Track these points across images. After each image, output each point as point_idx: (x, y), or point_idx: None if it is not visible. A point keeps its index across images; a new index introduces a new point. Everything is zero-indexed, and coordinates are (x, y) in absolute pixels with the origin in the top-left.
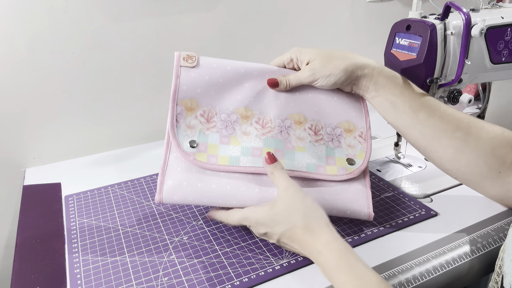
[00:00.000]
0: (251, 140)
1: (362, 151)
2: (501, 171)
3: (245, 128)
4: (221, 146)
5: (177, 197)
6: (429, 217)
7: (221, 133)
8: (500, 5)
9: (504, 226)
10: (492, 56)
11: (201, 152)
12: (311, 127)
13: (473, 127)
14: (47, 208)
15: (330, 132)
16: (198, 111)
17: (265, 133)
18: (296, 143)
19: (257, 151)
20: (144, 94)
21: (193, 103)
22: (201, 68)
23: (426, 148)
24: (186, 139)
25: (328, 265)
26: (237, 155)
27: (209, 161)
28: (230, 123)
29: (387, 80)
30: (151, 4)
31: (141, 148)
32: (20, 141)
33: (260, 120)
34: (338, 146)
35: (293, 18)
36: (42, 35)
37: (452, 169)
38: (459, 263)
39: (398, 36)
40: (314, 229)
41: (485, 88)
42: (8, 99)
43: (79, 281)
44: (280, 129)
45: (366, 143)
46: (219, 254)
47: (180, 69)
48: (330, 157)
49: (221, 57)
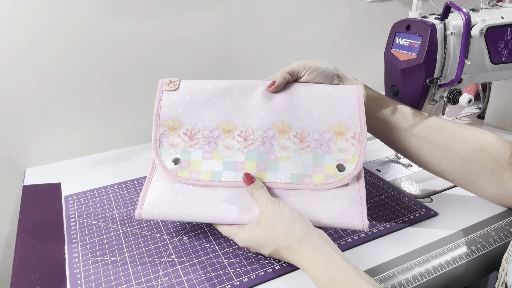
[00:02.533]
0: (233, 154)
1: (355, 154)
2: (494, 168)
3: (228, 142)
4: (203, 161)
5: (157, 211)
6: (429, 217)
7: (204, 149)
8: (500, 5)
9: (504, 226)
10: (492, 56)
11: (183, 169)
12: (296, 135)
13: (457, 127)
14: (47, 208)
15: (318, 138)
16: (181, 130)
17: (247, 145)
18: (279, 154)
19: (239, 165)
20: (144, 94)
21: (175, 123)
22: (182, 90)
23: (420, 151)
24: (169, 157)
25: (315, 279)
26: (219, 170)
27: (191, 177)
28: (213, 138)
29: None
30: (151, 4)
31: (141, 148)
32: (20, 141)
33: (242, 133)
34: (327, 152)
35: (293, 18)
36: (42, 35)
37: (448, 169)
38: (459, 263)
39: (398, 36)
40: (295, 248)
41: (485, 88)
42: (8, 99)
43: (79, 281)
44: (263, 141)
45: (360, 144)
46: (219, 254)
47: (162, 94)
48: (318, 165)
49: (221, 56)
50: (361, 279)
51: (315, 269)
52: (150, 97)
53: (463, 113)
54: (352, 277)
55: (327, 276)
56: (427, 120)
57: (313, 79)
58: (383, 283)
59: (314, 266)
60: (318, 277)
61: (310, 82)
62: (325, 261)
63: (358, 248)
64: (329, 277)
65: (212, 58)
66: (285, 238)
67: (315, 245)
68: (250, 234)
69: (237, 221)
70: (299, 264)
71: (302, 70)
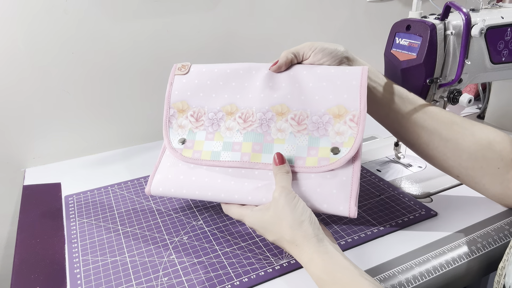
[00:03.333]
0: (232, 135)
1: (352, 137)
2: (500, 167)
3: (229, 123)
4: (206, 142)
5: (162, 188)
6: (429, 217)
7: (207, 130)
8: (500, 5)
9: (504, 226)
10: (492, 56)
11: (188, 149)
12: (294, 117)
13: (466, 123)
14: (47, 208)
15: (316, 121)
16: (189, 112)
17: (246, 127)
18: (275, 135)
19: (237, 146)
20: (144, 94)
21: (184, 105)
22: (191, 74)
23: (428, 144)
24: (177, 137)
25: (315, 277)
26: (218, 150)
27: (194, 156)
28: (216, 120)
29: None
30: (151, 4)
31: (141, 148)
32: (20, 141)
33: (243, 114)
34: (324, 135)
35: (293, 18)
36: (42, 35)
37: (455, 165)
38: (459, 263)
39: (398, 36)
40: (299, 244)
41: (485, 88)
42: (8, 99)
43: (79, 281)
44: (261, 122)
45: (358, 127)
46: (219, 254)
47: (174, 78)
48: (313, 148)
49: (221, 56)
50: (362, 279)
51: (316, 268)
52: (150, 97)
53: (463, 113)
54: (353, 276)
55: (328, 275)
56: (439, 114)
57: (319, 60)
58: (383, 283)
59: (315, 265)
60: (318, 276)
61: (316, 63)
62: (326, 260)
63: (358, 248)
64: (329, 276)
65: (212, 58)
66: (290, 232)
67: (318, 245)
68: (258, 217)
69: (228, 200)
70: (300, 260)
71: (308, 51)
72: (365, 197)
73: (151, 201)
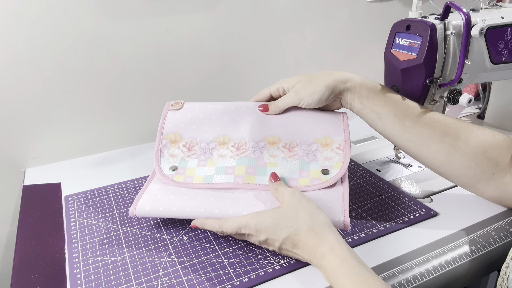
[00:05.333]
0: (225, 161)
1: (340, 161)
2: (495, 173)
3: (222, 151)
4: (198, 168)
5: (149, 207)
6: (429, 217)
7: (200, 158)
8: (500, 5)
9: (504, 226)
10: (492, 56)
11: (179, 175)
12: (285, 146)
13: (461, 132)
14: (47, 208)
15: (305, 148)
16: (181, 142)
17: (239, 154)
18: (268, 160)
19: (230, 169)
20: (144, 94)
21: (177, 136)
22: (185, 109)
23: (417, 155)
24: (168, 165)
25: (332, 268)
26: (211, 174)
27: (185, 181)
28: (209, 149)
29: (370, 92)
30: (151, 4)
31: (141, 148)
32: (20, 141)
33: (236, 144)
34: (313, 160)
35: (293, 18)
36: (42, 35)
37: (446, 172)
38: (459, 263)
39: (398, 36)
40: (318, 232)
41: (485, 88)
42: (8, 99)
43: (79, 281)
44: (254, 150)
45: (344, 153)
46: (219, 254)
47: (167, 112)
48: (304, 170)
49: (221, 56)
50: (377, 277)
51: (336, 257)
52: (150, 97)
53: (463, 113)
54: (370, 274)
55: (348, 265)
56: (429, 127)
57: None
58: None
59: (335, 254)
60: (338, 264)
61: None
62: (346, 252)
63: (358, 248)
64: (350, 266)
65: (212, 58)
66: (309, 220)
67: (339, 236)
68: (268, 215)
69: (222, 216)
70: (316, 249)
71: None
72: (365, 197)
73: None
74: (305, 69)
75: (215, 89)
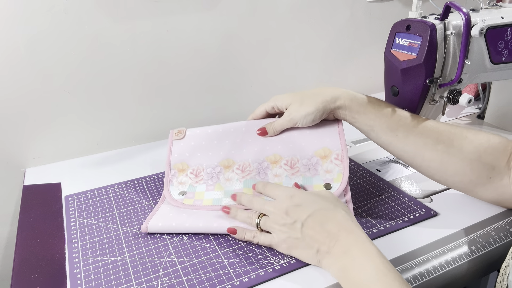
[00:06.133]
0: (232, 184)
1: (340, 174)
2: (492, 177)
3: (228, 175)
4: (206, 192)
5: (161, 223)
6: (429, 217)
7: (207, 183)
8: (500, 5)
9: (504, 226)
10: (492, 56)
11: (188, 198)
12: (287, 163)
13: (455, 139)
14: (47, 208)
15: (306, 163)
16: (188, 170)
17: (244, 176)
18: (273, 180)
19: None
20: (144, 94)
21: (184, 165)
22: (187, 138)
23: (411, 164)
24: (177, 191)
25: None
26: (220, 197)
27: (195, 203)
28: (215, 174)
29: (361, 107)
30: (151, 4)
31: (141, 148)
32: (20, 141)
33: (240, 166)
34: (315, 174)
35: (293, 18)
36: (42, 35)
37: (441, 179)
38: (459, 263)
39: (398, 36)
40: (353, 224)
41: (485, 88)
42: (8, 99)
43: (79, 281)
44: (258, 171)
45: (342, 164)
46: (219, 254)
47: (172, 143)
48: (308, 186)
49: (221, 56)
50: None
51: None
52: (150, 97)
53: (463, 113)
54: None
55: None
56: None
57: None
58: None
59: (369, 251)
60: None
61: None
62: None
63: None
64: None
65: (212, 58)
66: (349, 213)
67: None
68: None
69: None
70: (345, 237)
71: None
72: (365, 197)
73: (151, 201)
74: (305, 69)
75: (215, 89)
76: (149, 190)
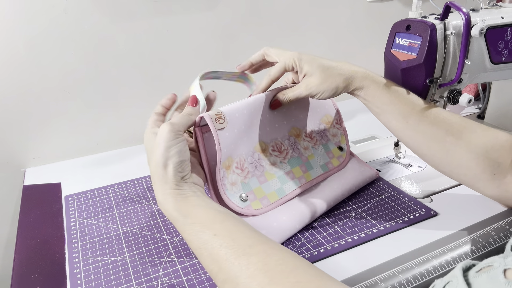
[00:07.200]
0: (279, 168)
1: (342, 136)
2: (496, 173)
3: (269, 159)
4: (262, 185)
5: (265, 231)
6: (429, 217)
7: (255, 174)
8: (500, 5)
9: (504, 226)
10: (492, 56)
11: (253, 201)
12: (307, 135)
13: (464, 131)
14: (47, 208)
15: (318, 132)
16: (233, 165)
17: (285, 156)
18: (306, 154)
19: (290, 174)
20: (144, 94)
21: (230, 160)
22: (230, 124)
23: (417, 151)
24: (236, 197)
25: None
26: (279, 187)
27: (263, 204)
28: (257, 161)
29: (377, 89)
30: (151, 4)
31: (141, 148)
32: (20, 141)
33: (274, 147)
34: (328, 140)
35: (293, 18)
36: (42, 35)
37: (445, 170)
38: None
39: (398, 36)
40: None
41: (485, 88)
42: (8, 99)
43: (79, 281)
44: (292, 148)
45: (341, 126)
46: None
47: (217, 135)
48: (329, 152)
49: (221, 56)
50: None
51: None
52: (149, 97)
53: (463, 113)
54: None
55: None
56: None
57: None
58: (383, 283)
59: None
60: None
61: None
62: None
63: (358, 248)
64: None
65: (212, 58)
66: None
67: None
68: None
69: (305, 223)
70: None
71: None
72: (365, 197)
73: (151, 201)
74: None
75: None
76: (149, 190)
